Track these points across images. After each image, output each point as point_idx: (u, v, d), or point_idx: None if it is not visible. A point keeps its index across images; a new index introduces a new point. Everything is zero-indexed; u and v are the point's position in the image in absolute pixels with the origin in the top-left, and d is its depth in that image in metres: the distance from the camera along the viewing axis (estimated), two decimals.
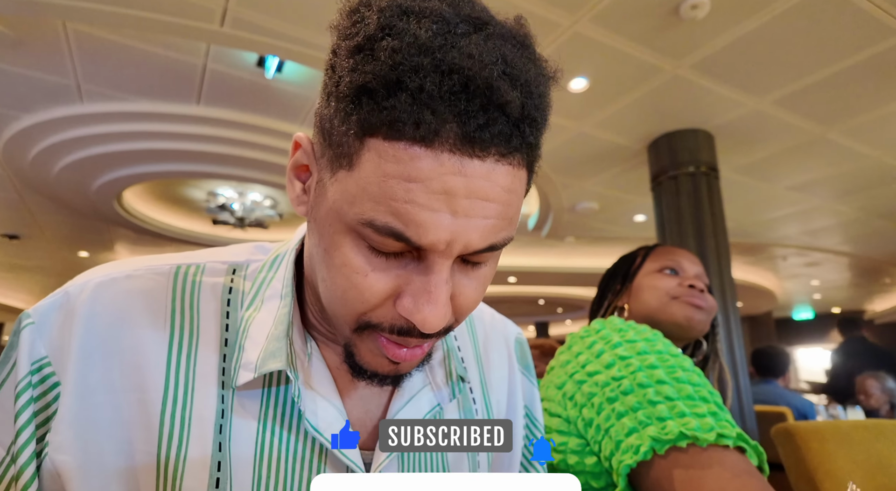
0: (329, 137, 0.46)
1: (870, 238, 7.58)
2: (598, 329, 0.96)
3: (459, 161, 0.42)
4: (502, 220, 0.46)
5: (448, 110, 0.40)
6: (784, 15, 2.95)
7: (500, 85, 0.41)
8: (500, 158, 0.43)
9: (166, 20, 2.97)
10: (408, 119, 0.40)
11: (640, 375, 0.82)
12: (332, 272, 0.48)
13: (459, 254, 0.46)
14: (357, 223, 0.44)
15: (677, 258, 1.21)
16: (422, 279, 0.46)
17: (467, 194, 0.42)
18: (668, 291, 1.15)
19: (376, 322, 0.48)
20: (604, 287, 1.29)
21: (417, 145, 0.41)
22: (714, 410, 0.77)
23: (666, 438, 0.73)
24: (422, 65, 0.40)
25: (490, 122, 0.41)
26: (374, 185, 0.42)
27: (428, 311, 0.45)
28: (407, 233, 0.43)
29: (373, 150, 0.42)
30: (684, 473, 0.71)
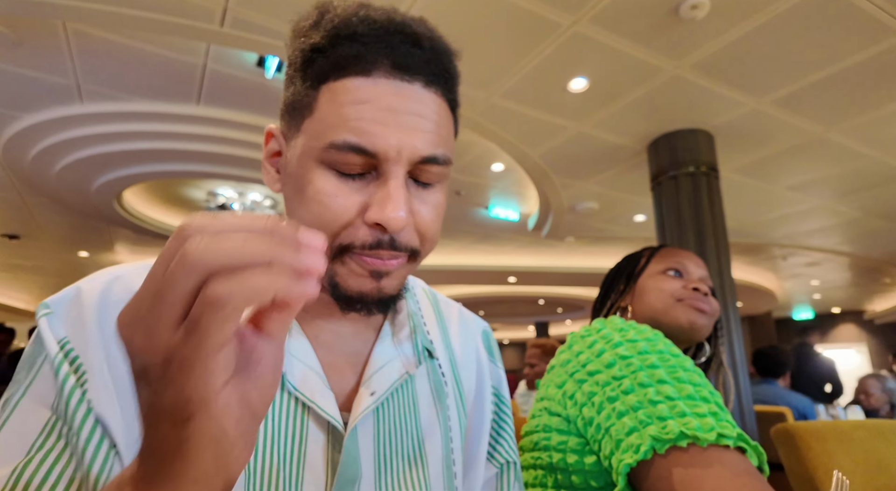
0: (293, 110, 0.60)
1: (869, 238, 7.59)
2: (599, 328, 0.96)
3: (394, 84, 0.56)
4: (438, 136, 0.58)
5: (378, 47, 0.56)
6: (784, 15, 2.96)
7: (413, 25, 0.58)
8: (425, 85, 0.57)
9: (166, 20, 2.97)
10: (350, 59, 0.55)
11: (641, 374, 0.82)
12: (307, 204, 0.57)
13: (409, 161, 0.56)
14: (322, 150, 0.55)
15: (682, 260, 1.20)
16: (382, 189, 0.55)
17: (405, 110, 0.55)
18: (672, 293, 1.15)
19: (349, 242, 0.56)
20: (607, 287, 1.29)
21: (360, 77, 0.55)
22: (715, 410, 0.77)
23: (666, 437, 0.73)
24: (353, 21, 0.56)
25: (411, 53, 0.56)
26: (331, 115, 0.55)
27: (390, 210, 0.54)
28: (363, 143, 0.54)
29: (326, 93, 0.56)
30: (684, 473, 0.71)
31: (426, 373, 0.72)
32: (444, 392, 0.72)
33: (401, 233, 0.57)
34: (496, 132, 4.35)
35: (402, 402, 0.67)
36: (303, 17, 0.61)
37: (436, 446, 0.68)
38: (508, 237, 8.20)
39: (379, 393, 0.63)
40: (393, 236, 0.57)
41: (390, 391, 0.65)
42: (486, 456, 0.76)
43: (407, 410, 0.68)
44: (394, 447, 0.64)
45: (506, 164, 5.45)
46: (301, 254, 0.32)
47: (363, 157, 0.54)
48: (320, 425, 0.60)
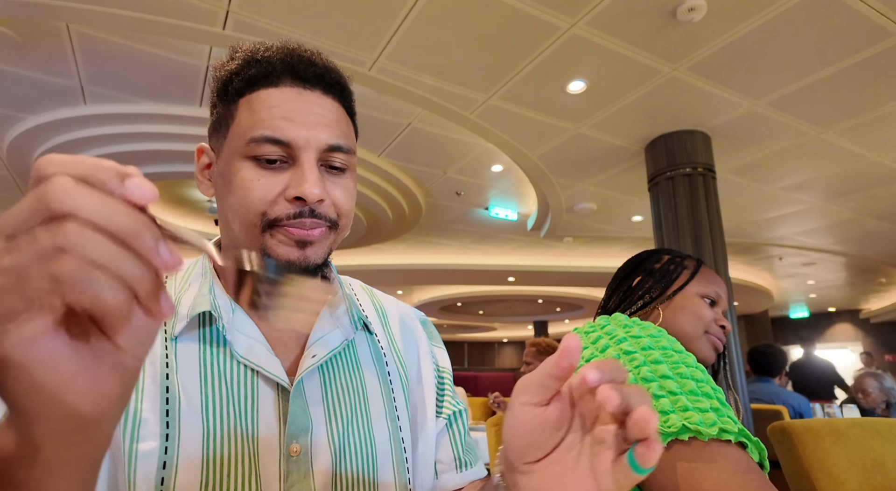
0: (219, 126, 0.73)
1: (865, 238, 7.62)
2: (604, 325, 0.98)
3: (297, 91, 0.70)
4: (339, 130, 0.71)
5: (282, 64, 0.70)
6: (780, 17, 2.98)
7: (308, 50, 0.73)
8: (323, 92, 0.72)
9: (169, 22, 2.99)
10: (260, 76, 0.70)
11: (644, 369, 0.83)
12: (235, 190, 0.67)
13: (318, 149, 0.68)
14: (244, 146, 0.67)
15: (719, 290, 1.22)
16: (298, 172, 0.67)
17: (309, 110, 0.69)
18: (705, 325, 1.18)
19: (275, 215, 0.67)
20: (629, 283, 1.28)
21: (270, 88, 0.70)
22: (717, 405, 0.78)
23: (669, 430, 0.74)
24: (259, 49, 0.71)
25: (308, 69, 0.71)
26: (249, 119, 0.68)
27: (307, 185, 0.66)
28: (276, 134, 0.66)
29: (244, 104, 0.70)
30: (686, 466, 0.73)
31: (366, 342, 0.82)
32: (384, 361, 0.81)
33: (319, 206, 0.68)
34: (495, 133, 4.37)
35: (345, 363, 0.77)
36: (219, 60, 0.75)
37: (378, 401, 0.77)
38: (507, 237, 8.21)
39: (320, 355, 0.72)
40: (312, 208, 0.67)
41: (332, 354, 0.75)
42: (434, 413, 0.84)
43: (350, 370, 0.77)
44: (341, 400, 0.73)
45: (505, 164, 5.47)
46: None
47: (278, 146, 0.67)
48: (270, 385, 0.69)
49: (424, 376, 0.86)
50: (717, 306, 1.21)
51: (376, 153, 5.20)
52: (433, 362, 0.90)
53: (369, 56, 3.35)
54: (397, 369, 0.82)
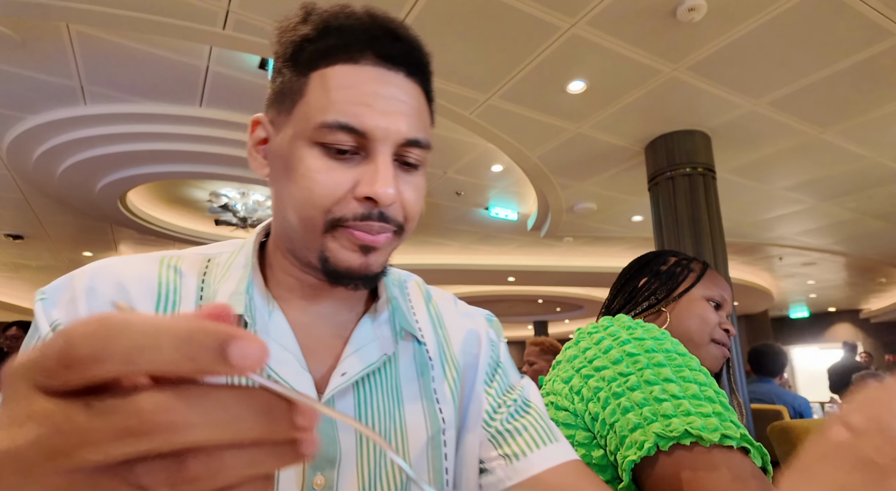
0: (282, 98, 0.63)
1: (865, 238, 7.61)
2: (607, 326, 0.97)
3: (379, 72, 0.60)
4: (419, 121, 0.62)
5: (363, 38, 0.60)
6: (780, 17, 2.99)
7: (394, 22, 0.63)
8: (407, 75, 0.62)
9: (169, 22, 2.99)
10: (338, 48, 0.60)
11: (648, 372, 0.83)
12: (298, 181, 0.60)
13: (395, 142, 0.60)
14: (313, 130, 0.59)
15: (724, 294, 1.22)
16: (371, 167, 0.59)
17: (390, 95, 0.60)
18: (711, 331, 1.18)
19: (340, 215, 0.59)
20: (634, 284, 1.27)
21: (348, 64, 0.60)
22: (719, 410, 0.78)
23: (670, 435, 0.74)
24: (340, 16, 0.61)
25: (393, 46, 0.61)
26: (321, 98, 0.59)
27: (380, 185, 0.58)
28: (352, 122, 0.58)
29: (317, 79, 0.60)
30: (687, 472, 0.72)
31: (411, 353, 0.73)
32: (430, 375, 0.73)
33: (389, 207, 0.61)
34: (495, 133, 4.37)
35: (384, 381, 0.68)
36: (289, 17, 0.65)
37: (419, 426, 0.68)
38: (507, 237, 8.21)
39: (350, 374, 0.64)
40: (382, 210, 0.60)
41: (366, 372, 0.66)
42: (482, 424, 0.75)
43: (390, 389, 0.69)
44: (376, 426, 0.65)
45: (505, 164, 5.47)
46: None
47: (352, 135, 0.58)
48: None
49: (478, 385, 0.77)
50: (721, 310, 1.21)
51: None
52: (498, 367, 0.80)
53: None
54: (448, 384, 0.74)
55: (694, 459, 0.73)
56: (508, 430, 0.73)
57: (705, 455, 0.73)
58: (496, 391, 0.77)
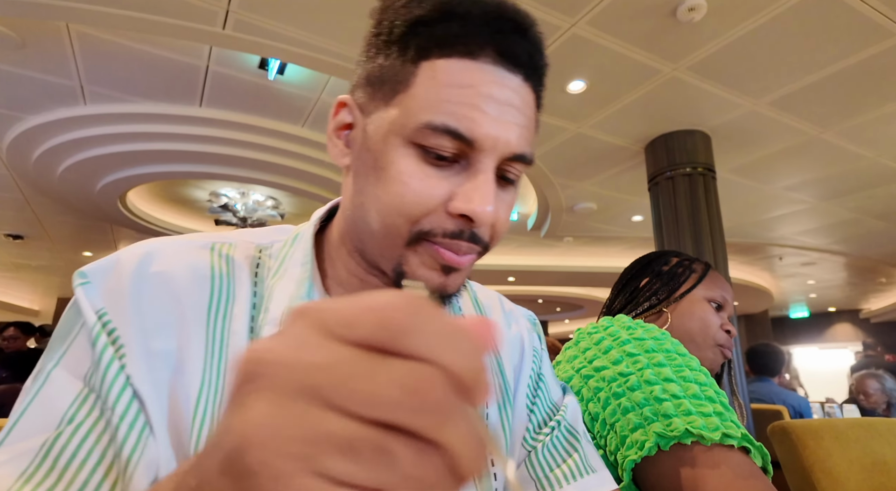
0: (380, 83, 0.56)
1: (865, 238, 7.61)
2: (607, 326, 0.97)
3: (499, 73, 0.53)
4: (529, 132, 0.56)
5: (488, 30, 0.53)
6: (780, 17, 2.98)
7: (524, 15, 0.55)
8: (525, 79, 0.55)
9: (169, 22, 2.98)
10: (458, 38, 0.52)
11: (648, 372, 0.83)
12: (388, 184, 0.53)
13: (501, 155, 0.53)
14: (415, 130, 0.52)
15: (725, 295, 1.21)
16: (471, 181, 0.53)
17: (506, 101, 0.53)
18: (713, 333, 1.17)
19: (429, 228, 0.53)
20: (635, 284, 1.27)
21: (466, 58, 0.52)
22: (720, 410, 0.78)
23: (671, 434, 0.74)
24: (464, 0, 0.53)
25: (519, 43, 0.54)
26: (431, 94, 0.52)
27: (479, 202, 0.51)
28: (461, 128, 0.51)
29: (427, 70, 0.52)
30: (688, 472, 0.72)
31: None
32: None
33: (480, 228, 0.54)
34: None
35: None
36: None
37: None
38: (507, 237, 8.20)
39: None
40: (474, 230, 0.54)
41: None
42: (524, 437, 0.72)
43: None
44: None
45: None
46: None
47: (458, 142, 0.52)
48: None
49: (519, 399, 0.73)
50: (723, 311, 1.21)
51: None
52: (538, 373, 0.77)
53: None
54: (497, 397, 0.70)
55: (695, 458, 0.73)
56: (546, 458, 0.70)
57: (706, 454, 0.73)
58: (539, 409, 0.74)
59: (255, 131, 4.66)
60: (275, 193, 6.78)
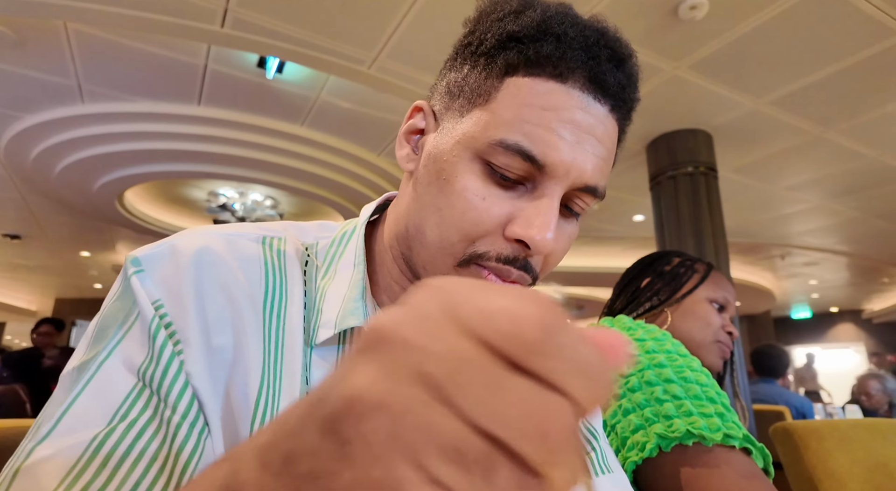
0: (460, 91, 0.55)
1: (868, 238, 7.60)
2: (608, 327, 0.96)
3: (586, 99, 0.51)
4: (607, 165, 0.54)
5: (583, 55, 0.51)
6: (782, 16, 2.97)
7: (620, 43, 0.54)
8: (612, 110, 0.53)
9: (167, 21, 2.98)
10: (549, 58, 0.51)
11: (649, 372, 0.82)
12: (451, 198, 0.52)
13: (572, 185, 0.52)
14: (487, 145, 0.51)
15: (728, 296, 1.21)
16: (534, 205, 0.51)
17: (588, 130, 0.51)
18: (714, 333, 1.17)
19: (483, 251, 0.52)
20: (637, 284, 1.26)
21: (554, 80, 0.51)
22: (721, 410, 0.77)
23: (672, 435, 0.73)
24: (562, 20, 0.52)
25: (612, 72, 0.52)
26: (510, 111, 0.51)
27: (538, 229, 0.49)
28: (534, 150, 0.49)
29: (511, 86, 0.51)
30: (689, 472, 0.72)
31: None
32: None
33: (535, 257, 0.53)
34: None
35: None
36: (503, 1, 0.56)
37: None
38: None
39: None
40: (528, 259, 0.52)
41: None
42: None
43: None
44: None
45: None
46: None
47: (528, 165, 0.50)
48: None
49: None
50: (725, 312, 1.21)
51: (376, 153, 5.18)
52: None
53: (368, 54, 3.33)
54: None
55: (696, 458, 0.72)
56: None
57: (707, 455, 0.72)
58: None
59: (254, 130, 4.66)
60: (273, 193, 6.78)
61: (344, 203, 6.10)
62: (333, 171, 5.37)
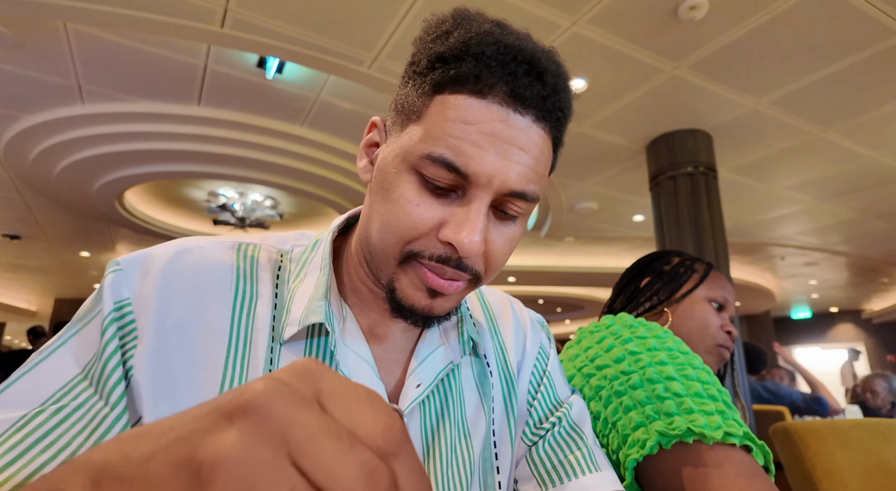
0: (403, 108, 0.60)
1: (867, 238, 7.60)
2: (609, 324, 0.96)
3: (505, 112, 0.54)
4: (534, 172, 0.57)
5: (500, 71, 0.54)
6: (782, 16, 2.97)
7: (542, 58, 0.56)
8: (535, 120, 0.56)
9: (167, 21, 2.98)
10: (469, 76, 0.54)
11: (650, 370, 0.82)
12: (389, 205, 0.57)
13: (497, 191, 0.55)
14: (418, 157, 0.55)
15: (727, 296, 1.21)
16: (463, 210, 0.55)
17: (508, 140, 0.54)
18: (714, 334, 1.17)
19: (419, 250, 0.56)
20: (636, 284, 1.26)
21: (474, 97, 0.54)
22: (722, 408, 0.77)
23: (673, 433, 0.73)
24: (484, 40, 0.55)
25: (531, 85, 0.55)
26: (436, 127, 0.55)
27: (465, 234, 0.54)
28: (457, 162, 0.53)
29: (439, 104, 0.55)
30: (690, 470, 0.72)
31: (470, 362, 0.72)
32: (489, 383, 0.71)
33: (470, 258, 0.56)
34: None
35: (447, 391, 0.67)
36: (439, 21, 0.61)
37: (480, 435, 0.67)
38: None
39: (425, 385, 0.63)
40: (462, 259, 0.56)
41: (436, 382, 0.65)
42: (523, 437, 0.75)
43: (453, 399, 0.67)
44: (440, 438, 0.64)
45: None
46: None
47: (454, 175, 0.54)
48: None
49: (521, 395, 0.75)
50: (724, 311, 1.21)
51: None
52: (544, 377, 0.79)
53: (368, 55, 3.33)
54: (503, 389, 0.73)
55: (697, 456, 0.72)
56: (547, 453, 0.71)
57: (708, 453, 0.72)
58: (541, 405, 0.75)
59: (254, 131, 4.66)
60: (273, 193, 6.78)
61: (344, 203, 6.10)
62: (333, 171, 5.37)
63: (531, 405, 0.75)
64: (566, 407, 0.75)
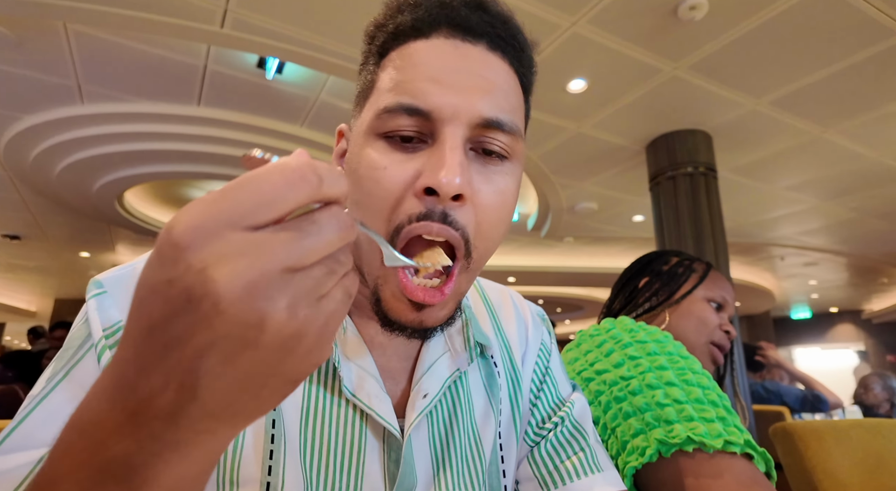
0: (359, 97, 0.58)
1: (867, 238, 7.59)
2: (609, 328, 0.96)
3: (454, 44, 0.52)
4: (505, 101, 0.53)
5: (438, 10, 0.53)
6: (782, 16, 2.96)
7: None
8: (490, 49, 0.53)
9: (167, 21, 2.97)
10: (407, 25, 0.53)
11: (650, 375, 0.82)
12: (360, 182, 0.52)
13: (469, 123, 0.51)
14: (375, 118, 0.52)
15: (725, 295, 1.21)
16: (436, 154, 0.50)
17: (466, 69, 0.51)
18: (710, 333, 1.17)
19: (401, 220, 0.51)
20: (634, 284, 1.26)
21: (419, 40, 0.53)
22: (723, 415, 0.77)
23: (673, 441, 0.73)
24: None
25: (473, 15, 0.53)
26: (387, 82, 0.52)
27: (443, 172, 0.48)
28: (415, 102, 0.50)
29: (388, 66, 0.54)
30: (690, 480, 0.71)
31: (478, 365, 0.68)
32: (497, 383, 0.68)
33: (456, 209, 0.50)
34: None
35: (455, 398, 0.63)
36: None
37: (489, 438, 0.64)
38: (508, 237, 8.15)
39: (432, 394, 0.59)
40: (446, 209, 0.50)
41: (443, 391, 0.61)
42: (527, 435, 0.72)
43: (461, 405, 0.63)
44: (450, 447, 0.60)
45: None
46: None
47: (416, 118, 0.50)
48: (376, 433, 0.56)
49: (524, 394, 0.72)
50: (723, 311, 1.20)
51: None
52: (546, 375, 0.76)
53: None
54: (511, 393, 0.70)
55: (697, 465, 0.72)
56: (549, 453, 0.68)
57: (708, 462, 0.72)
58: (543, 403, 0.73)
59: (254, 131, 4.65)
60: None
61: None
62: None
63: (533, 404, 0.72)
64: (568, 406, 0.73)
